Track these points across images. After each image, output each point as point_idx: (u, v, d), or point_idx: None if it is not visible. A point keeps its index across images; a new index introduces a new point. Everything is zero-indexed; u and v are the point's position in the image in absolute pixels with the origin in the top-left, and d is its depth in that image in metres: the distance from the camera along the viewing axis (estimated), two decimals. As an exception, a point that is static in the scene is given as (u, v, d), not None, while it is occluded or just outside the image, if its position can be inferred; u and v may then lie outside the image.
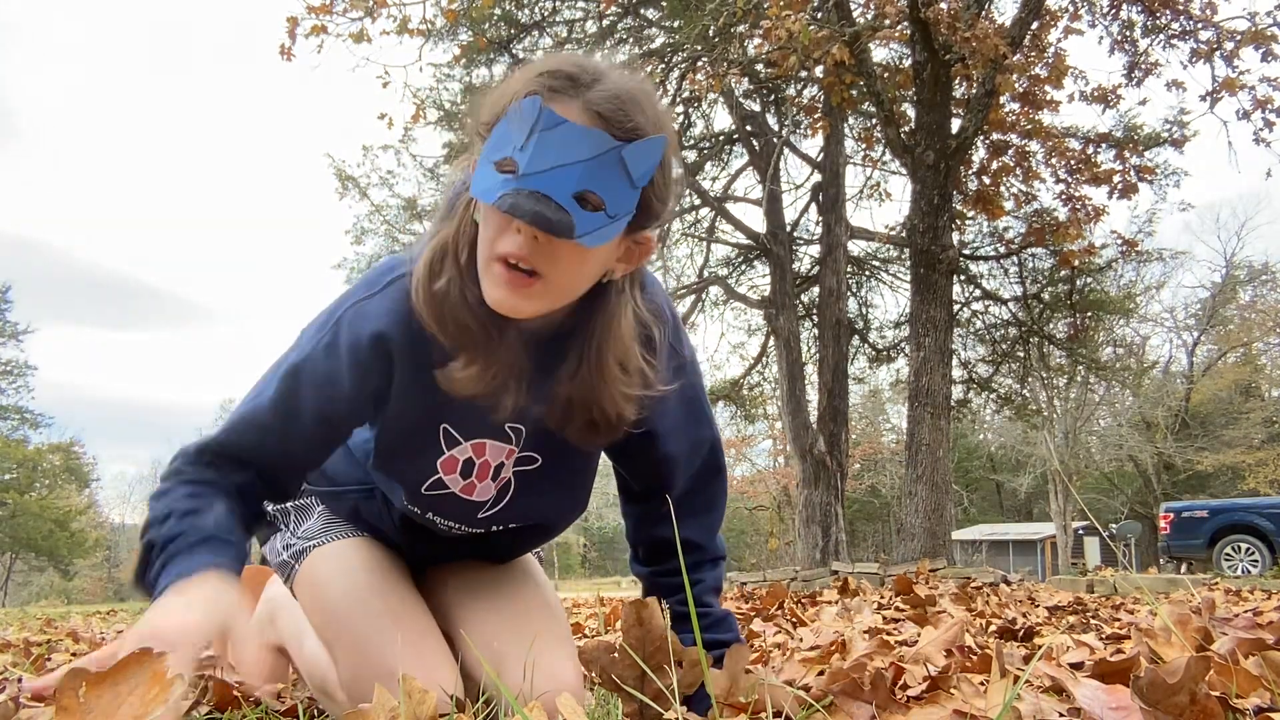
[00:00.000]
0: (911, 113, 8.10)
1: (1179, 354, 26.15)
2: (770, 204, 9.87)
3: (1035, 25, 7.82)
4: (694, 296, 11.14)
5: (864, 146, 10.59)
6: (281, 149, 77.94)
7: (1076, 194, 8.94)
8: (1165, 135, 8.70)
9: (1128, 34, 8.43)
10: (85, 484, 34.23)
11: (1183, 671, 0.86)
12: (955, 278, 8.24)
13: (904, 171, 8.05)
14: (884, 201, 14.48)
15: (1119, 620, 2.70)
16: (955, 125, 7.53)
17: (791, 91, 9.67)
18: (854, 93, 7.94)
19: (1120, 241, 9.74)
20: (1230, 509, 12.01)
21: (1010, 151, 8.98)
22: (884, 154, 10.05)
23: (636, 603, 1.04)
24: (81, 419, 66.05)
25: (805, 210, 11.28)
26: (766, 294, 10.49)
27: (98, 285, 64.65)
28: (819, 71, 7.59)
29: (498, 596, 1.35)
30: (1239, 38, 7.64)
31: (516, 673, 1.19)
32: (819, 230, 10.29)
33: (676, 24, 8.10)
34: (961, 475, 27.48)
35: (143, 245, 74.86)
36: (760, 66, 8.28)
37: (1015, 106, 8.79)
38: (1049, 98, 8.77)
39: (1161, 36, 8.23)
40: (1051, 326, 10.74)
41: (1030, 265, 10.57)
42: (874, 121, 9.50)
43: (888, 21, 7.40)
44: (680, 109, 9.51)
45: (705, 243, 11.39)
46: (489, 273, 1.00)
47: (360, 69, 10.42)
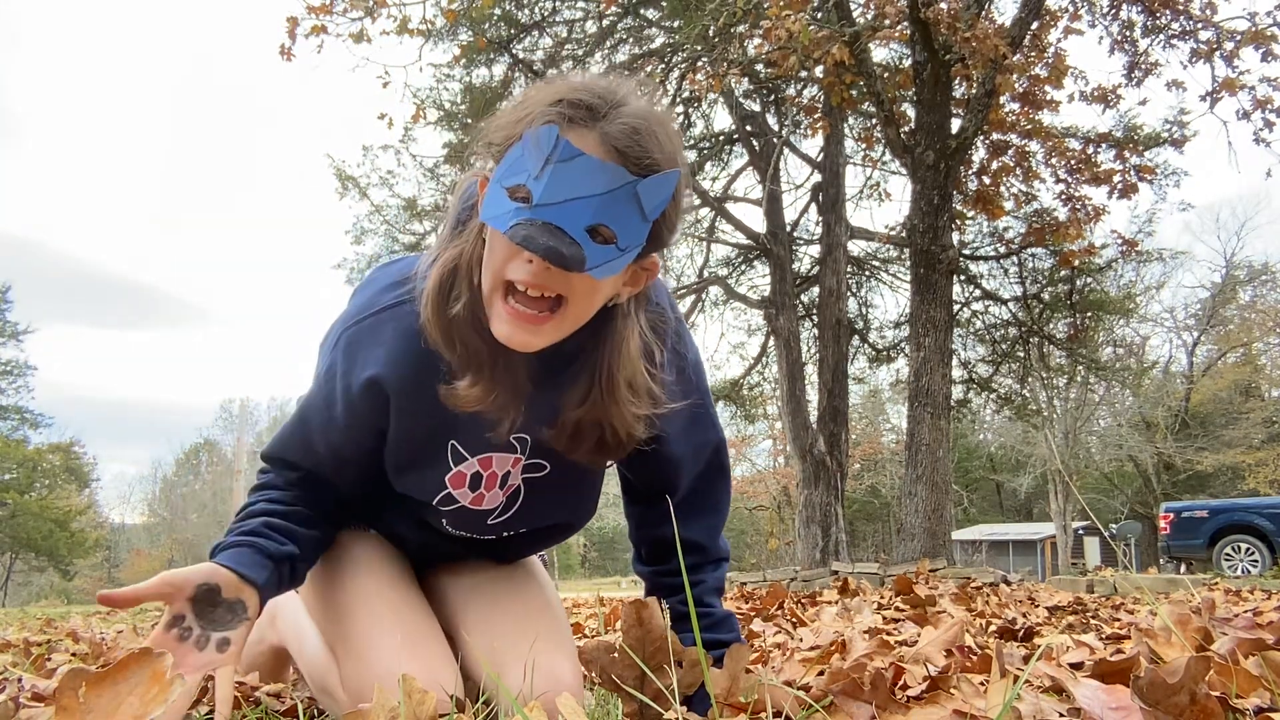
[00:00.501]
0: (911, 113, 8.10)
1: (1179, 354, 26.16)
2: (770, 204, 9.87)
3: (1035, 25, 7.82)
4: (694, 296, 11.15)
5: (864, 146, 10.60)
6: (281, 149, 77.91)
7: (1076, 194, 8.94)
8: (1165, 135, 8.70)
9: (1128, 34, 8.43)
10: (85, 484, 34.18)
11: (1183, 671, 0.86)
12: (955, 278, 8.23)
13: (904, 171, 8.04)
14: (884, 201, 14.48)
15: (1119, 620, 2.70)
16: (955, 125, 7.53)
17: (791, 91, 9.68)
18: (854, 93, 7.94)
19: (1120, 241, 9.73)
20: (1230, 509, 12.00)
21: (1010, 151, 8.98)
22: (884, 154, 10.05)
23: (636, 603, 1.04)
24: (81, 419, 65.93)
25: (805, 210, 11.31)
26: (766, 294, 10.49)
27: (98, 285, 64.64)
28: (819, 71, 7.59)
29: (499, 596, 1.35)
30: (1239, 38, 7.64)
31: (516, 673, 1.19)
32: (819, 230, 10.30)
33: (676, 24, 8.11)
34: (961, 475, 27.46)
35: (143, 245, 74.82)
36: (760, 66, 8.28)
37: (1015, 106, 8.79)
38: (1049, 98, 8.77)
39: (1161, 36, 8.24)
40: (1051, 326, 10.74)
41: (1030, 265, 10.58)
42: (874, 121, 9.49)
43: (888, 21, 7.40)
44: (680, 109, 9.51)
45: (705, 243, 11.40)
46: (495, 308, 1.01)
47: (360, 69, 10.44)
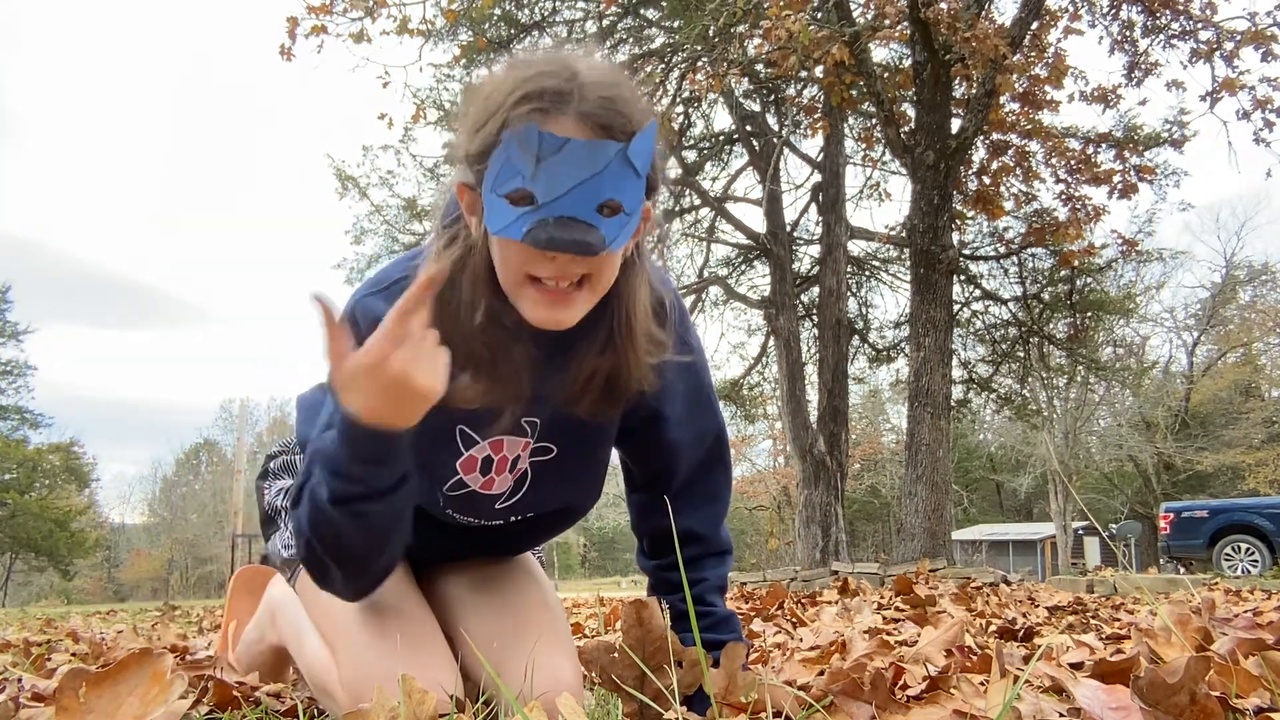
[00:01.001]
0: (911, 113, 8.10)
1: (1179, 354, 26.17)
2: (770, 204, 9.87)
3: (1035, 25, 7.81)
4: (694, 296, 11.14)
5: (864, 146, 10.59)
6: (281, 149, 77.81)
7: (1076, 194, 8.93)
8: (1165, 135, 8.69)
9: (1128, 34, 8.42)
10: (85, 484, 34.20)
11: (1183, 671, 0.86)
12: (955, 278, 8.23)
13: (904, 171, 8.04)
14: (884, 201, 14.49)
15: (1119, 620, 2.70)
16: (955, 125, 7.53)
17: (791, 91, 9.67)
18: (854, 93, 7.94)
19: (1120, 241, 9.73)
20: (1230, 509, 12.01)
21: (1010, 151, 8.97)
22: (884, 154, 10.05)
23: (636, 603, 1.04)
24: (81, 419, 65.85)
25: (805, 210, 11.31)
26: (766, 294, 10.49)
27: (98, 285, 64.54)
28: (819, 71, 7.59)
29: (498, 596, 1.35)
30: (1239, 38, 7.64)
31: (516, 673, 1.19)
32: (819, 230, 10.30)
33: (676, 24, 8.10)
34: (961, 475, 27.46)
35: (143, 245, 74.68)
36: (760, 66, 8.27)
37: (1015, 106, 8.78)
38: (1049, 98, 8.77)
39: (1161, 36, 8.23)
40: (1051, 326, 10.74)
41: (1030, 265, 10.57)
42: (874, 121, 9.49)
43: (888, 21, 7.40)
44: (680, 109, 9.51)
45: (705, 243, 11.40)
46: (523, 295, 1.02)
47: (360, 69, 10.42)
